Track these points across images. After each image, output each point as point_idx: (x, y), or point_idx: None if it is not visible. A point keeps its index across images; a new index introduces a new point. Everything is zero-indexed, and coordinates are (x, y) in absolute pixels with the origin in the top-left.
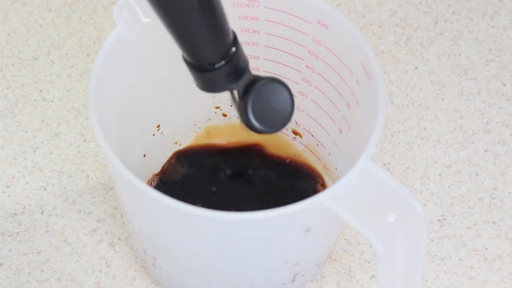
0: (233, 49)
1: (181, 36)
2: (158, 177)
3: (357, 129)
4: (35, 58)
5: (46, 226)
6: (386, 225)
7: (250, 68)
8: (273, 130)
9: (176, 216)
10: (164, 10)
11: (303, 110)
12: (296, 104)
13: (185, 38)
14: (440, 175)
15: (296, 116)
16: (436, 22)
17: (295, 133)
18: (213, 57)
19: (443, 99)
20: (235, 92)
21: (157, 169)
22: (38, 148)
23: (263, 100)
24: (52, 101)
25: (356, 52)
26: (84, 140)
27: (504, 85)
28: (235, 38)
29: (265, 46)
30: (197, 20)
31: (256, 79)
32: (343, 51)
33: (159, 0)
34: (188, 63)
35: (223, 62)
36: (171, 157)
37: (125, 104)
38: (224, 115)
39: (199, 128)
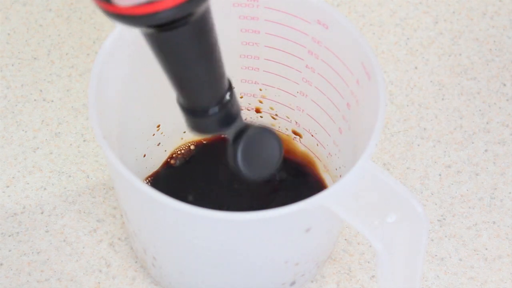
0: (227, 96)
1: (177, 81)
2: (158, 176)
3: (357, 129)
4: (35, 58)
5: (46, 226)
6: (386, 225)
7: (250, 69)
8: (260, 176)
9: (176, 216)
10: (162, 57)
11: (303, 110)
12: (296, 104)
13: (181, 84)
14: (440, 175)
15: (296, 116)
16: (436, 22)
17: (295, 133)
18: (208, 103)
19: (443, 99)
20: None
21: (157, 169)
22: (38, 148)
23: (253, 147)
24: (52, 101)
25: (356, 52)
26: (84, 140)
27: (504, 85)
28: (230, 86)
29: (265, 46)
30: (196, 69)
31: (247, 127)
32: (343, 51)
33: (157, 48)
34: (181, 107)
35: (216, 109)
36: (171, 157)
37: (125, 104)
38: None
39: None
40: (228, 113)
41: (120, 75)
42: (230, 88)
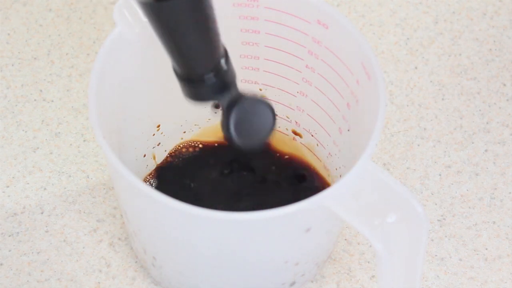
0: (223, 62)
1: (173, 49)
2: (157, 176)
3: (357, 129)
4: (35, 58)
5: (46, 226)
6: (386, 225)
7: (250, 69)
8: (251, 146)
9: (176, 216)
10: (158, 25)
11: (303, 110)
12: (296, 104)
13: (177, 51)
14: (440, 175)
15: (296, 116)
16: (436, 22)
17: (295, 133)
18: (203, 69)
19: (443, 99)
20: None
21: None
22: (38, 148)
23: (246, 116)
24: (52, 101)
25: (356, 52)
26: (84, 140)
27: (504, 85)
28: (226, 52)
29: (265, 46)
30: (191, 35)
31: (241, 96)
32: (343, 51)
33: (154, 14)
34: (176, 74)
35: (211, 75)
36: (170, 156)
37: (125, 104)
38: None
39: (199, 128)
40: (223, 81)
41: (120, 75)
42: (226, 55)
